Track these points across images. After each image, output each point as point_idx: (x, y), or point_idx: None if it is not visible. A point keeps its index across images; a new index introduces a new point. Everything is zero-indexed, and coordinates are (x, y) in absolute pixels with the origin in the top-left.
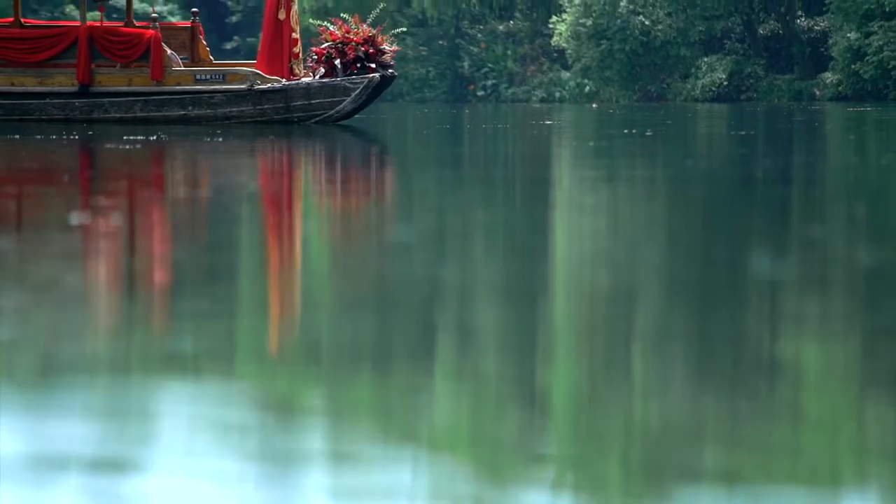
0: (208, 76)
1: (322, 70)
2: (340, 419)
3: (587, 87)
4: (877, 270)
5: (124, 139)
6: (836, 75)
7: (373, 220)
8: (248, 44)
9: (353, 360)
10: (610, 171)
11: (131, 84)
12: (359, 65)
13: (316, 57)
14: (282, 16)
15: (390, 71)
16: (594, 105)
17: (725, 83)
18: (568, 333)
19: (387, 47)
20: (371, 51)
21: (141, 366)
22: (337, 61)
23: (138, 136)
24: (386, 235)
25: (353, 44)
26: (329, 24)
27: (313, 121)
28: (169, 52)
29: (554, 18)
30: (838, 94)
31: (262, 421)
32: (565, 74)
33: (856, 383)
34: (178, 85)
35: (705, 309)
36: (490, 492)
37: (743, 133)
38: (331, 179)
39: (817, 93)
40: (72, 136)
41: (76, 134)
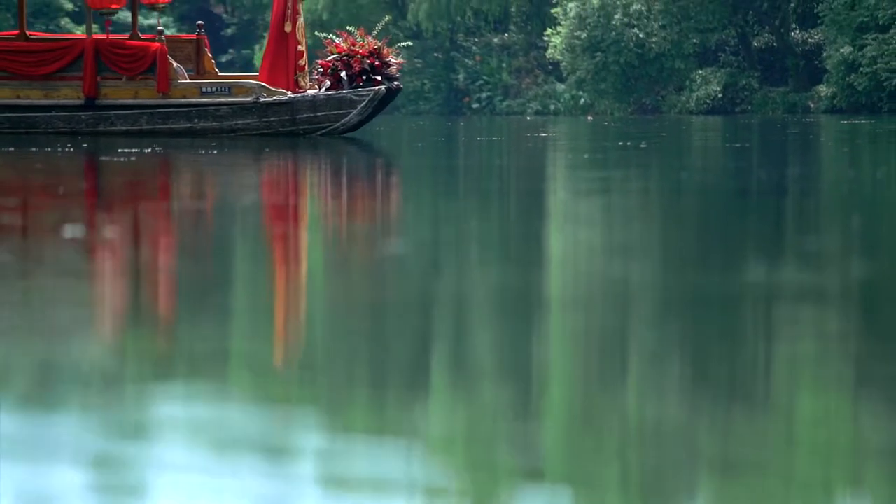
0: (214, 89)
1: (328, 82)
2: (337, 432)
3: (582, 100)
4: (872, 282)
5: (119, 151)
6: (830, 88)
7: (369, 233)
8: (242, 56)
9: (351, 373)
10: (605, 184)
11: (137, 97)
12: (364, 77)
13: (322, 69)
14: (287, 28)
15: (396, 83)
16: (589, 117)
17: (720, 96)
18: (564, 346)
19: (392, 60)
20: (377, 63)
21: (138, 379)
22: (343, 74)
23: (134, 148)
24: (382, 248)
25: (359, 56)
26: (335, 37)
27: (319, 133)
28: (175, 64)
29: (549, 31)
30: (833, 107)
31: (260, 433)
32: (560, 87)
33: (852, 398)
34: (183, 98)
35: (701, 321)
36: None
37: (738, 145)
38: (326, 193)
39: (812, 105)
40: (66, 148)
41: (71, 146)
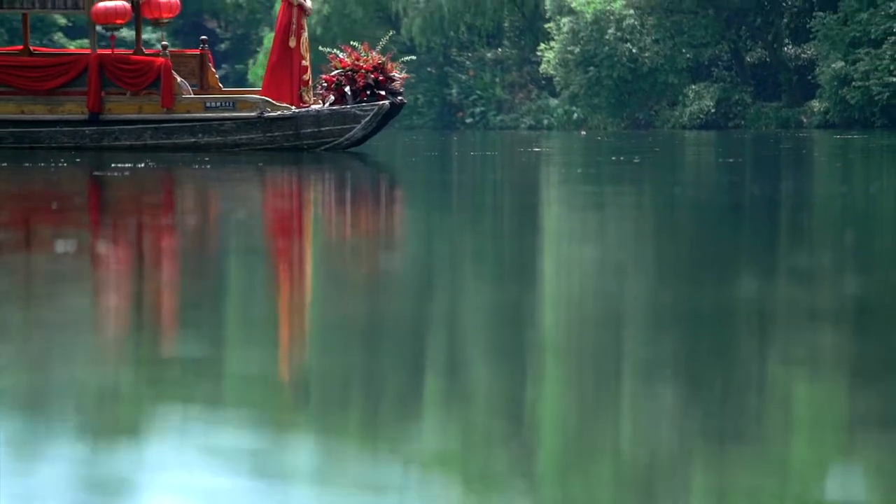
0: (218, 104)
1: (332, 97)
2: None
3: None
4: (864, 298)
5: (112, 167)
6: (823, 103)
7: (363, 248)
8: (236, 71)
9: (345, 391)
10: (598, 199)
11: (141, 112)
12: (368, 92)
13: (326, 84)
14: (292, 43)
15: (399, 98)
16: (582, 132)
17: (713, 110)
18: (557, 362)
19: (396, 75)
20: (381, 78)
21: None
22: (347, 88)
23: (128, 163)
24: (378, 264)
25: (363, 71)
26: (339, 52)
27: (323, 148)
28: (179, 79)
29: (542, 46)
30: (825, 122)
31: (255, 448)
32: (553, 102)
33: (844, 416)
34: (188, 112)
35: (694, 338)
36: None
37: (731, 160)
38: (320, 208)
39: (804, 120)
40: (60, 163)
41: (65, 162)
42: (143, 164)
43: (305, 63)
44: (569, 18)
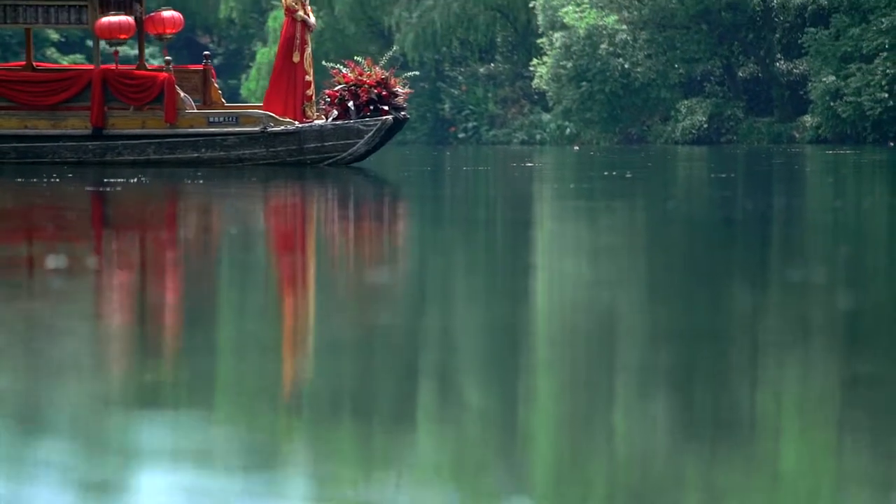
0: (221, 119)
1: (335, 112)
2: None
3: (568, 130)
4: (856, 314)
5: (104, 181)
6: (815, 118)
7: (358, 262)
8: (229, 86)
9: (339, 402)
10: (591, 214)
11: (144, 127)
12: (372, 107)
13: (329, 99)
14: (296, 58)
15: (403, 113)
16: (575, 147)
17: (705, 126)
18: (551, 377)
19: (399, 90)
20: (384, 93)
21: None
22: (350, 103)
23: (121, 178)
24: (372, 279)
25: (366, 86)
26: (342, 67)
27: (326, 163)
28: (182, 94)
29: (534, 61)
30: (817, 137)
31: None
32: (546, 117)
33: (837, 432)
34: (191, 127)
35: (687, 355)
36: None
37: (723, 175)
38: (317, 222)
39: (797, 135)
40: (52, 178)
41: (57, 177)
42: (135, 180)
43: (309, 78)
44: (561, 33)
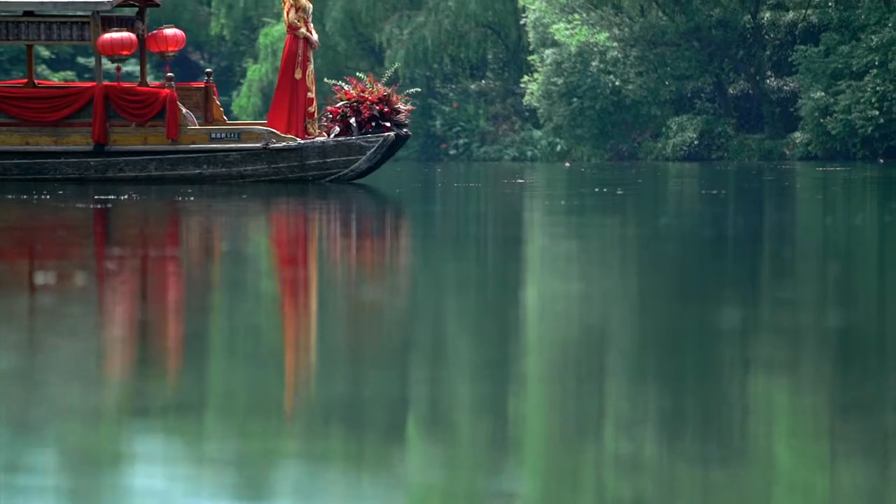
0: (223, 135)
1: (337, 129)
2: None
3: (559, 146)
4: (845, 330)
5: (94, 198)
6: (805, 135)
7: (349, 280)
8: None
9: (330, 418)
10: (582, 230)
11: (146, 143)
12: (374, 123)
13: (331, 116)
14: (298, 75)
15: (404, 130)
16: (566, 163)
17: (696, 142)
18: (544, 392)
19: (401, 106)
20: (386, 110)
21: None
22: (352, 120)
23: (111, 195)
24: (364, 295)
25: (368, 103)
26: (344, 84)
27: (328, 179)
28: (184, 110)
29: (525, 78)
30: (808, 154)
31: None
32: (537, 133)
33: (828, 448)
34: (193, 143)
35: (679, 371)
36: None
37: (714, 192)
38: (310, 240)
39: (787, 152)
40: (42, 195)
41: (47, 193)
42: (125, 197)
43: (311, 95)
44: (552, 50)
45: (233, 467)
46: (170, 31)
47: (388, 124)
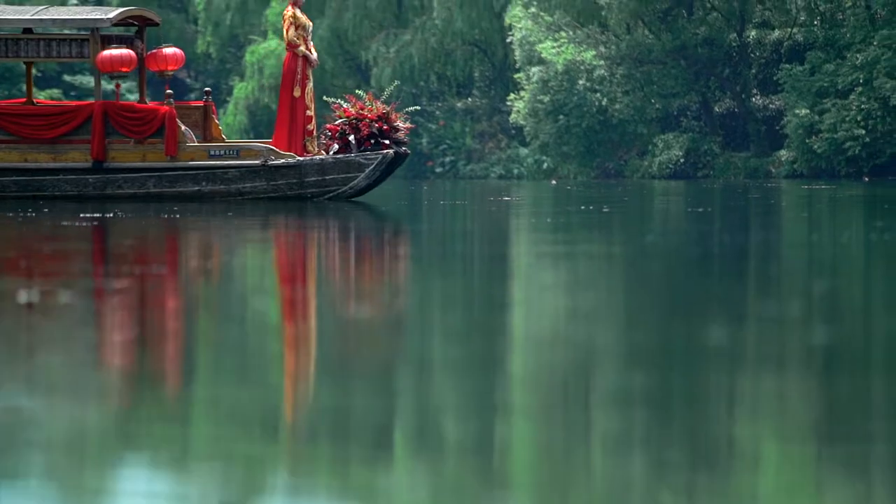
0: (222, 152)
1: (336, 146)
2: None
3: (545, 164)
4: (831, 347)
5: (80, 216)
6: (790, 153)
7: (337, 298)
8: None
9: (318, 436)
10: (568, 248)
11: (145, 160)
12: (373, 141)
13: (330, 133)
14: (297, 93)
15: (404, 148)
16: (553, 181)
17: (682, 160)
18: (530, 414)
19: (400, 124)
20: (385, 127)
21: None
22: (351, 137)
23: (96, 213)
24: (353, 313)
25: (368, 120)
26: (343, 101)
27: (327, 197)
28: (183, 128)
29: (512, 96)
30: (793, 172)
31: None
32: (523, 151)
33: (813, 467)
34: (191, 161)
35: (663, 388)
36: None
37: (700, 210)
38: (300, 257)
39: (773, 170)
40: (28, 212)
41: (32, 211)
42: (111, 215)
43: (310, 113)
44: (539, 68)
45: (219, 490)
46: (169, 50)
47: (387, 142)
